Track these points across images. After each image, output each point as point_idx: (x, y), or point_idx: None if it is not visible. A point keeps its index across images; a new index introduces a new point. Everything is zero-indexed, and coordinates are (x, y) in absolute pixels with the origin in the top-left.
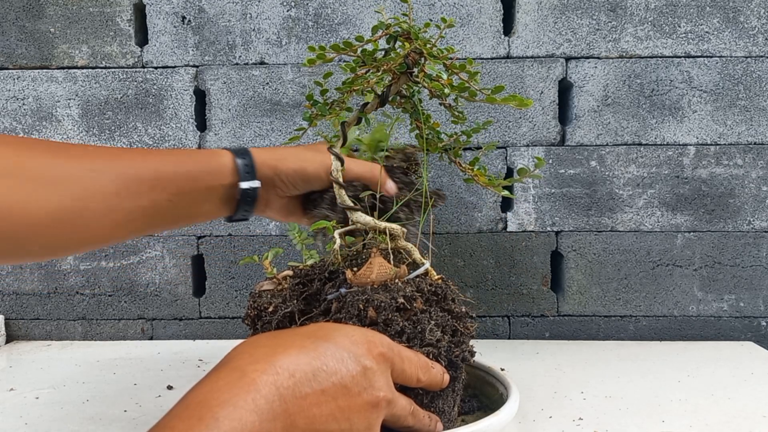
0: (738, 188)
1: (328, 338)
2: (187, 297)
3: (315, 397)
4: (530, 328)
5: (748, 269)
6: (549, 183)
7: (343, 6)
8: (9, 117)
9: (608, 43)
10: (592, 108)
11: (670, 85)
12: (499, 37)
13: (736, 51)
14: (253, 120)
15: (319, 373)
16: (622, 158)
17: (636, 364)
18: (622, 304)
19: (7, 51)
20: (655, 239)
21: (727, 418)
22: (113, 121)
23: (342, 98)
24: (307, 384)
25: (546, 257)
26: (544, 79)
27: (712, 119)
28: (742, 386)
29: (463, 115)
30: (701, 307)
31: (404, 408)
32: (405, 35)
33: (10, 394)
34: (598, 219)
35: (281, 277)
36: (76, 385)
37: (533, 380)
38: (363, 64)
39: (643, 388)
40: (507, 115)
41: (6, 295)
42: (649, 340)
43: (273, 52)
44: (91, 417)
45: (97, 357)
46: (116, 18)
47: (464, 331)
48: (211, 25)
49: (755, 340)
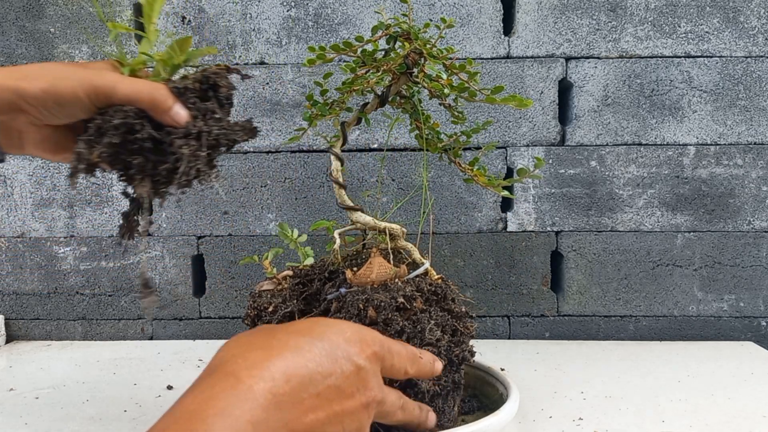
0: (738, 188)
1: (323, 337)
2: (187, 297)
3: (311, 402)
4: (530, 328)
5: (748, 269)
6: (549, 183)
7: (343, 6)
8: None
9: (608, 43)
10: (592, 108)
11: (670, 85)
12: (499, 37)
13: (736, 51)
14: (253, 120)
15: (315, 376)
16: (622, 158)
17: (636, 364)
18: (622, 304)
19: (7, 51)
20: (655, 239)
21: (727, 418)
22: None
23: (342, 98)
24: (304, 390)
25: (546, 257)
26: (544, 79)
27: (712, 119)
28: (742, 386)
29: (463, 115)
30: (701, 307)
31: (394, 404)
32: (405, 35)
33: (10, 394)
34: (598, 219)
35: (281, 277)
36: (76, 385)
37: (533, 380)
38: (363, 64)
39: (643, 388)
40: (507, 115)
41: (6, 295)
42: (649, 340)
43: (273, 52)
44: (91, 417)
45: (97, 357)
46: (116, 18)
47: (464, 331)
48: (211, 25)
49: (755, 340)
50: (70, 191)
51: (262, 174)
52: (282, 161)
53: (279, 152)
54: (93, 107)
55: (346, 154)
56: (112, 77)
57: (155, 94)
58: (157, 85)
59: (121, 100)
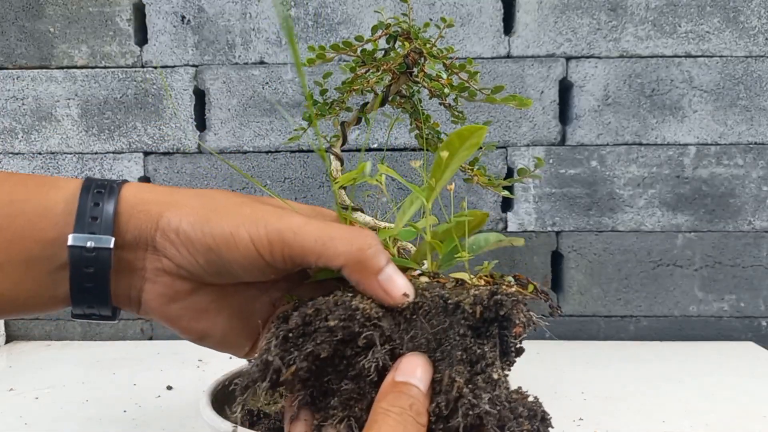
0: (738, 188)
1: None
2: None
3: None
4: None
5: (749, 269)
6: (549, 183)
7: (342, 5)
8: (9, 117)
9: (609, 43)
10: (593, 108)
11: (670, 85)
12: (499, 36)
13: (737, 51)
14: (253, 120)
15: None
16: (622, 158)
17: (636, 364)
18: (622, 304)
19: (7, 51)
20: (655, 239)
21: (727, 418)
22: (113, 121)
23: (342, 98)
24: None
25: (546, 257)
26: (544, 79)
27: (712, 119)
28: (742, 386)
29: (463, 114)
30: (702, 307)
31: None
32: (405, 35)
33: (10, 394)
34: (599, 219)
35: None
36: (76, 385)
37: (533, 380)
38: (363, 63)
39: (643, 388)
40: (507, 115)
41: None
42: (650, 340)
43: (273, 52)
44: (91, 417)
45: (97, 357)
46: (116, 18)
47: None
48: (211, 24)
49: (755, 340)
50: None
51: (262, 174)
52: (281, 161)
53: (278, 152)
54: (268, 265)
55: (345, 154)
56: (297, 221)
57: (359, 242)
58: (363, 232)
59: (299, 251)
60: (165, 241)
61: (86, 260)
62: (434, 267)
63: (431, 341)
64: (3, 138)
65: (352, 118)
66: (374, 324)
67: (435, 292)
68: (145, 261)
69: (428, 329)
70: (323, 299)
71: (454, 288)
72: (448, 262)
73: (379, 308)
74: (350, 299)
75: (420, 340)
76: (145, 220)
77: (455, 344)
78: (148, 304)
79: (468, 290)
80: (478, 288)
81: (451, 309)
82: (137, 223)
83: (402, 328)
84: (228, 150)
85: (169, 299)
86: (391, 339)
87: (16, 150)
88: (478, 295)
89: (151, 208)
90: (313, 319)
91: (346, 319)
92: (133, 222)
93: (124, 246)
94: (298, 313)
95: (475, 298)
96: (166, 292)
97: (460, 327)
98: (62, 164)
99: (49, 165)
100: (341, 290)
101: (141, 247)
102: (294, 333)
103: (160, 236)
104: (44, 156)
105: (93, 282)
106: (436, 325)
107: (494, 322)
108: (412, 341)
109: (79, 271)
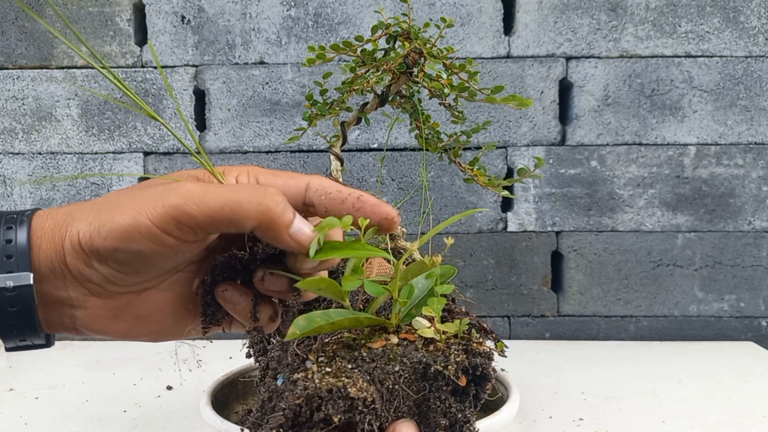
0: (738, 188)
1: None
2: None
3: None
4: (530, 329)
5: (749, 269)
6: (549, 183)
7: (342, 6)
8: (9, 117)
9: (608, 43)
10: (593, 108)
11: (670, 85)
12: (499, 36)
13: (737, 51)
14: (253, 120)
15: None
16: (622, 158)
17: (636, 364)
18: (622, 304)
19: (7, 51)
20: (655, 239)
21: (727, 418)
22: (112, 121)
23: (342, 98)
24: None
25: (546, 257)
26: (544, 79)
27: (712, 119)
28: (742, 386)
29: (463, 115)
30: (702, 307)
31: None
32: (405, 35)
33: (10, 394)
34: (599, 219)
35: None
36: (76, 385)
37: (533, 380)
38: (363, 64)
39: (643, 388)
40: (507, 115)
41: None
42: (650, 340)
43: (273, 52)
44: (91, 417)
45: (97, 357)
46: (116, 18)
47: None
48: (211, 24)
49: (755, 340)
50: (70, 191)
51: None
52: (282, 161)
53: (278, 152)
54: (180, 242)
55: (345, 154)
56: (195, 190)
57: (267, 201)
58: (265, 189)
59: (206, 221)
60: (75, 261)
61: (8, 300)
62: (396, 319)
63: (412, 407)
64: (3, 138)
65: (352, 118)
66: (372, 408)
67: (413, 358)
68: (68, 290)
69: (411, 395)
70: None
71: (428, 350)
72: (408, 317)
73: (369, 385)
74: (343, 386)
75: (402, 408)
76: (51, 248)
77: (436, 408)
78: (88, 329)
79: (444, 353)
80: (456, 353)
81: (431, 375)
82: (46, 254)
83: (386, 399)
84: (228, 150)
85: (108, 319)
86: (379, 414)
87: (16, 150)
88: (461, 362)
89: (54, 234)
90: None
91: (347, 410)
92: (42, 253)
93: (42, 279)
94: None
95: (458, 365)
96: (102, 314)
97: (441, 392)
98: (62, 164)
99: (49, 165)
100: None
101: (58, 277)
102: (284, 428)
103: (69, 258)
104: (44, 156)
105: (18, 319)
106: (417, 392)
107: (471, 383)
108: (396, 412)
109: (4, 311)
